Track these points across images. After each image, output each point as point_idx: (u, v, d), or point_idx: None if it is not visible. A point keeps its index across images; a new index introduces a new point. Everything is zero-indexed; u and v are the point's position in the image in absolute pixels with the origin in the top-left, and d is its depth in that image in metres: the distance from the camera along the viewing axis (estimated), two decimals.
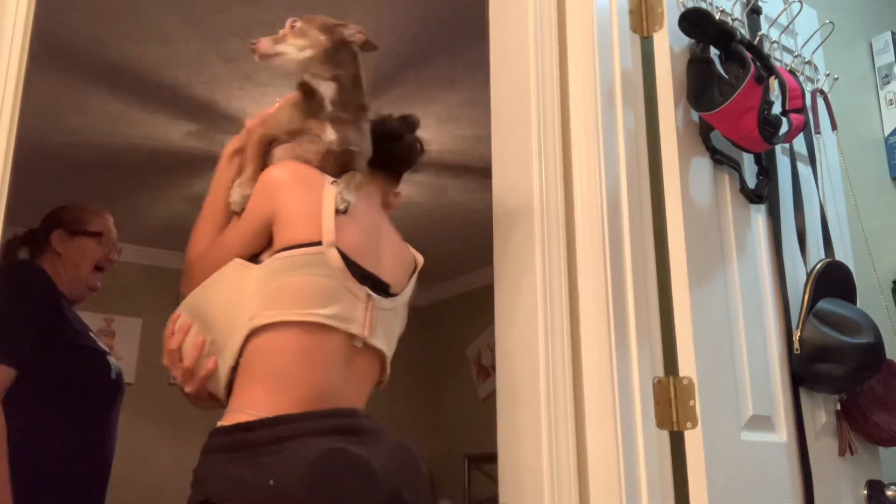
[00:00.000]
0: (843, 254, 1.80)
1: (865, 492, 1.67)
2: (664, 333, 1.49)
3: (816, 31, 1.89)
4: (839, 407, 1.67)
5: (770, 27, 1.79)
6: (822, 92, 1.90)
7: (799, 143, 1.79)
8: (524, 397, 1.44)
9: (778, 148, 1.72)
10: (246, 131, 1.40)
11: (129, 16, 2.80)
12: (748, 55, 1.54)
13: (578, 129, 1.55)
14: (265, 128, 1.38)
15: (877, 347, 1.58)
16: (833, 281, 1.68)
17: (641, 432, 1.39)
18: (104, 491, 1.98)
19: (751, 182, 1.67)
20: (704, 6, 1.61)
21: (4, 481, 1.58)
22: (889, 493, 1.68)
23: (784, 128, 1.56)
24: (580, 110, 1.56)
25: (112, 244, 2.11)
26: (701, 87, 1.57)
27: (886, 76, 2.29)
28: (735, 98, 1.48)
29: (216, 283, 1.29)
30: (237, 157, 1.39)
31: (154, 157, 3.89)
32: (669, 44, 1.59)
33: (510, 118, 1.61)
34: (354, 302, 1.27)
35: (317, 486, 1.12)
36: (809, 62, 1.88)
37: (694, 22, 1.56)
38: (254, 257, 1.29)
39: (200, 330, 1.28)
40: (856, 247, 1.89)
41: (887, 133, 2.25)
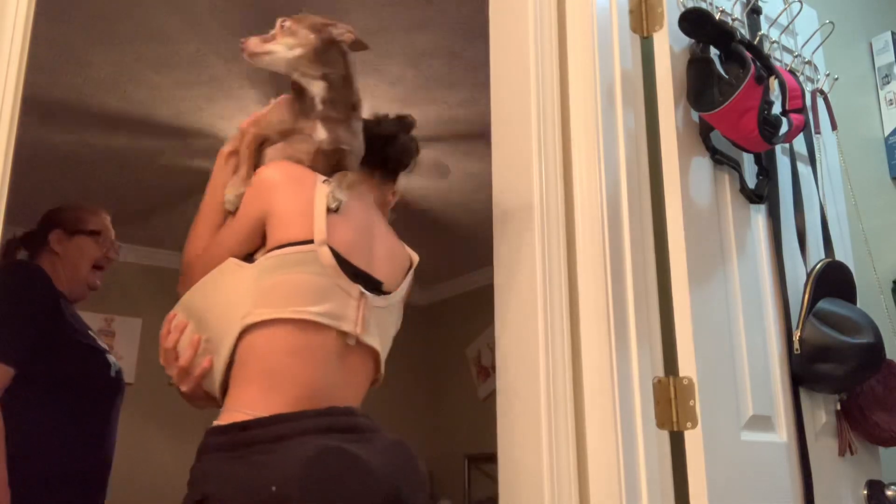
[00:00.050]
0: (843, 254, 1.80)
1: (865, 492, 1.67)
2: (664, 333, 1.49)
3: (816, 31, 1.89)
4: (839, 407, 1.67)
5: (770, 27, 1.79)
6: (822, 92, 1.90)
7: (799, 143, 1.79)
8: (524, 397, 1.44)
9: (778, 148, 1.72)
10: (240, 132, 1.42)
11: (129, 16, 2.80)
12: (748, 55, 1.54)
13: (578, 129, 1.55)
14: (258, 128, 1.39)
15: (877, 347, 1.58)
16: (833, 281, 1.68)
17: (641, 432, 1.39)
18: (104, 490, 1.98)
19: (751, 182, 1.67)
20: (704, 6, 1.61)
21: (3, 480, 1.58)
22: (889, 493, 1.68)
23: (784, 128, 1.56)
24: (580, 110, 1.56)
25: (110, 243, 2.11)
26: (701, 87, 1.57)
27: (886, 76, 2.29)
28: (735, 98, 1.48)
29: (211, 283, 1.30)
30: (233, 159, 1.40)
31: (154, 157, 3.90)
32: (669, 44, 1.59)
33: (510, 118, 1.61)
34: (347, 300, 1.27)
35: (313, 485, 1.12)
36: (809, 62, 1.88)
37: (694, 22, 1.56)
38: (249, 256, 1.30)
39: (196, 329, 1.29)
40: (856, 247, 1.89)
41: (887, 133, 2.25)
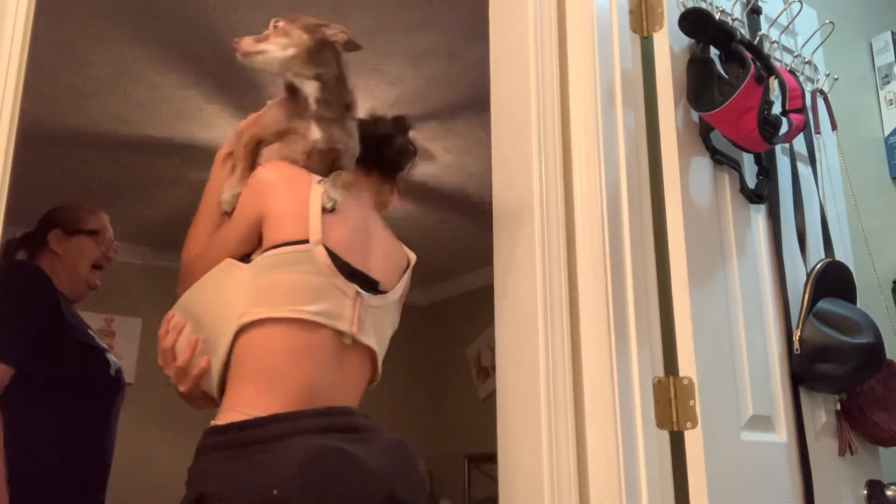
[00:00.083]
0: (843, 254, 1.80)
1: (865, 492, 1.67)
2: (664, 333, 1.49)
3: (816, 31, 1.89)
4: (839, 407, 1.67)
5: (770, 27, 1.79)
6: (822, 92, 1.90)
7: (799, 143, 1.79)
8: (524, 397, 1.44)
9: (778, 148, 1.72)
10: (236, 133, 1.43)
11: (129, 16, 2.80)
12: (748, 55, 1.54)
13: (578, 129, 1.55)
14: (254, 129, 1.40)
15: (877, 347, 1.58)
16: (833, 281, 1.68)
17: (641, 432, 1.39)
18: (104, 490, 1.98)
19: (751, 182, 1.67)
20: (704, 6, 1.61)
21: (1, 480, 1.58)
22: (889, 493, 1.68)
23: (784, 128, 1.56)
24: (580, 110, 1.56)
25: (109, 242, 2.12)
26: (701, 87, 1.57)
27: (886, 76, 2.29)
28: (735, 98, 1.48)
29: (208, 283, 1.30)
30: (230, 160, 1.41)
31: (154, 157, 3.90)
32: (669, 44, 1.59)
33: (510, 118, 1.61)
34: (342, 299, 1.28)
35: (311, 485, 1.13)
36: (809, 62, 1.88)
37: (694, 22, 1.56)
38: (246, 257, 1.31)
39: (193, 329, 1.29)
40: (856, 247, 1.89)
41: (887, 133, 2.25)
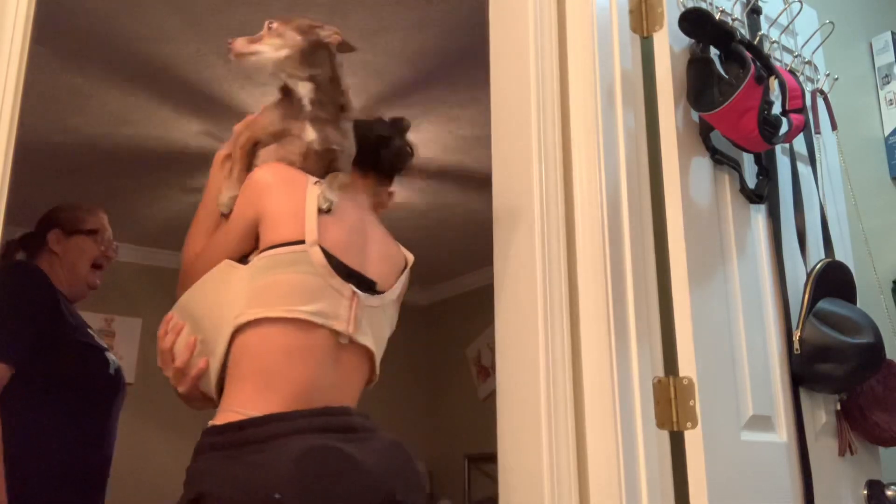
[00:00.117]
0: (843, 254, 1.80)
1: (865, 492, 1.67)
2: (664, 333, 1.49)
3: (816, 31, 1.89)
4: (839, 407, 1.67)
5: (770, 27, 1.79)
6: (822, 92, 1.90)
7: (799, 143, 1.79)
8: (524, 397, 1.44)
9: (778, 148, 1.72)
10: (234, 135, 1.44)
11: (129, 16, 2.80)
12: (748, 55, 1.54)
13: (578, 129, 1.55)
14: (250, 131, 1.41)
15: (877, 347, 1.58)
16: (833, 281, 1.68)
17: (641, 432, 1.39)
18: (103, 489, 1.98)
19: (751, 182, 1.67)
20: (704, 6, 1.61)
21: (0, 480, 1.58)
22: (889, 493, 1.68)
23: (784, 128, 1.56)
24: (580, 110, 1.56)
25: (108, 242, 2.12)
26: (701, 87, 1.57)
27: (886, 76, 2.29)
28: (735, 98, 1.48)
29: (206, 284, 1.31)
30: (228, 162, 1.42)
31: (154, 157, 3.90)
32: (669, 44, 1.59)
33: (510, 118, 1.61)
34: (339, 299, 1.28)
35: (306, 484, 1.13)
36: (809, 62, 1.88)
37: (694, 22, 1.56)
38: (244, 258, 1.31)
39: (192, 330, 1.30)
40: (856, 247, 1.89)
41: (887, 133, 2.25)
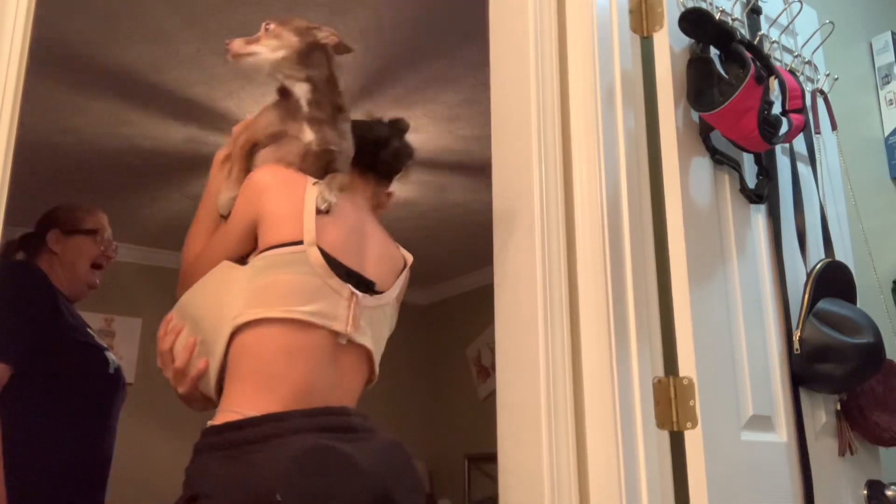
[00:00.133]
0: (843, 254, 1.80)
1: (865, 492, 1.67)
2: (664, 333, 1.49)
3: (816, 31, 1.89)
4: (839, 407, 1.67)
5: (770, 27, 1.79)
6: (822, 92, 1.90)
7: (799, 143, 1.79)
8: (524, 397, 1.44)
9: (778, 148, 1.72)
10: (232, 137, 1.44)
11: (130, 16, 2.80)
12: (748, 55, 1.54)
13: (578, 129, 1.55)
14: (248, 133, 1.42)
15: (877, 347, 1.58)
16: (833, 281, 1.68)
17: (641, 432, 1.39)
18: (104, 489, 1.98)
19: (751, 182, 1.67)
20: (704, 6, 1.61)
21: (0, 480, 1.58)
22: (889, 493, 1.68)
23: (784, 128, 1.56)
24: (580, 110, 1.56)
25: (108, 242, 2.12)
26: (701, 87, 1.57)
27: (886, 76, 2.29)
28: (735, 98, 1.48)
29: (205, 285, 1.32)
30: (227, 164, 1.42)
31: (154, 157, 3.90)
32: (669, 44, 1.59)
33: (510, 118, 1.61)
34: (337, 299, 1.29)
35: (301, 482, 1.13)
36: (809, 62, 1.88)
37: (694, 22, 1.56)
38: (243, 259, 1.32)
39: (191, 331, 1.30)
40: (856, 247, 1.89)
41: (887, 133, 2.25)
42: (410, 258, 1.49)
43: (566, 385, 1.43)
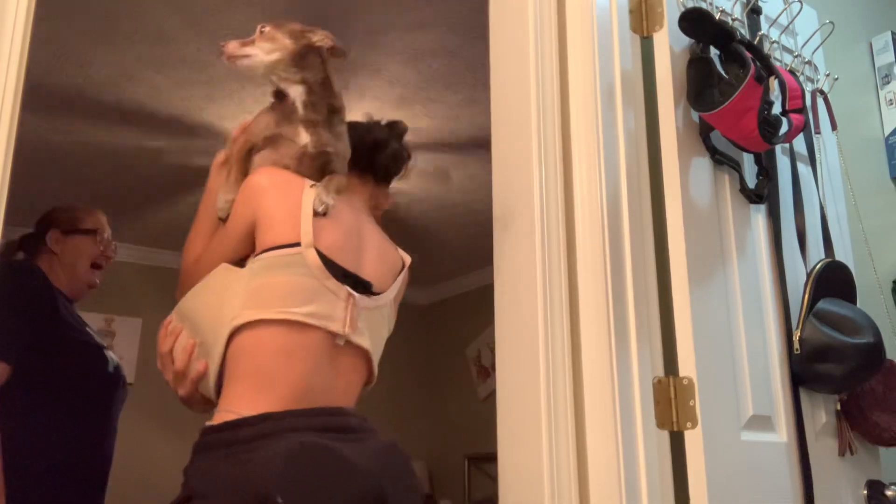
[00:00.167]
0: (843, 254, 1.80)
1: (865, 492, 1.67)
2: (664, 333, 1.49)
3: (816, 31, 1.89)
4: (839, 407, 1.67)
5: (770, 27, 1.79)
6: (822, 92, 1.90)
7: (799, 143, 1.79)
8: (524, 397, 1.44)
9: (778, 148, 1.72)
10: (230, 141, 1.45)
11: (130, 16, 2.80)
12: (748, 55, 1.54)
13: (578, 129, 1.55)
14: (246, 136, 1.43)
15: (877, 347, 1.58)
16: (833, 281, 1.68)
17: (641, 432, 1.39)
18: (104, 487, 1.98)
19: (751, 182, 1.66)
20: (704, 6, 1.61)
21: None
22: (889, 493, 1.68)
23: (784, 128, 1.56)
24: (580, 110, 1.56)
25: (107, 242, 2.12)
26: (701, 87, 1.57)
27: (886, 76, 2.29)
28: (735, 98, 1.48)
29: (204, 288, 1.33)
30: (225, 167, 1.43)
31: (154, 158, 3.90)
32: (669, 44, 1.59)
33: (510, 118, 1.61)
34: (334, 300, 1.29)
35: (293, 478, 1.14)
36: (809, 62, 1.88)
37: (694, 22, 1.56)
38: (242, 262, 1.33)
39: (191, 333, 1.31)
40: (856, 247, 1.89)
41: (887, 133, 2.25)
42: (409, 259, 1.50)
43: (566, 385, 1.43)
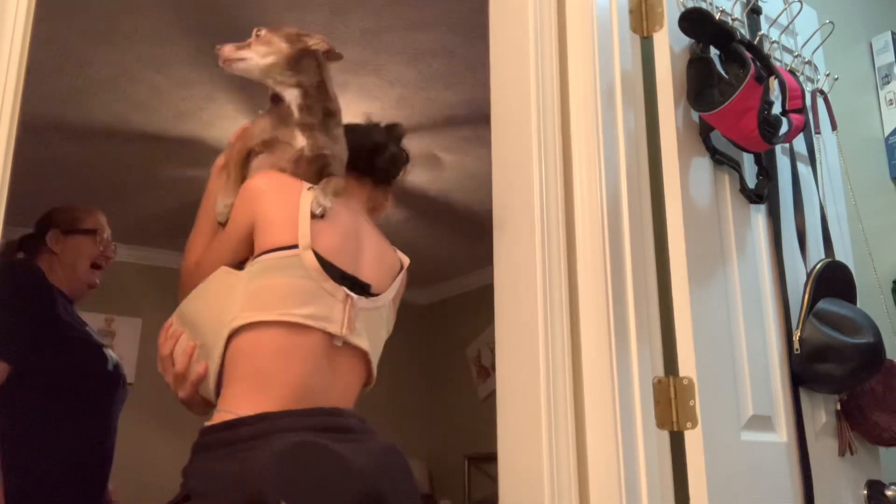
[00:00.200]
0: (843, 254, 1.80)
1: (865, 492, 1.67)
2: (664, 333, 1.49)
3: (816, 31, 1.89)
4: (839, 407, 1.67)
5: (770, 27, 1.79)
6: (822, 92, 1.90)
7: (799, 143, 1.79)
8: (524, 397, 1.44)
9: (778, 148, 1.72)
10: (229, 146, 1.46)
11: (130, 16, 2.80)
12: (748, 55, 1.54)
13: (578, 129, 1.55)
14: (243, 140, 1.44)
15: (877, 347, 1.58)
16: (833, 281, 1.68)
17: (641, 432, 1.39)
18: (105, 485, 1.99)
19: (751, 182, 1.66)
20: (704, 6, 1.61)
21: None
22: (889, 493, 1.68)
23: (784, 128, 1.56)
24: (580, 110, 1.56)
25: (107, 242, 2.13)
26: (701, 87, 1.57)
27: (886, 76, 2.29)
28: (735, 98, 1.48)
29: (204, 291, 1.34)
30: (224, 171, 1.44)
31: (154, 158, 3.90)
32: (669, 44, 1.59)
33: (510, 118, 1.61)
34: (332, 302, 1.30)
35: (286, 476, 1.14)
36: (809, 62, 1.88)
37: (694, 22, 1.56)
38: (241, 264, 1.33)
39: (191, 336, 1.32)
40: (856, 247, 1.89)
41: (887, 133, 2.25)
42: (407, 261, 1.50)
43: (566, 385, 1.43)
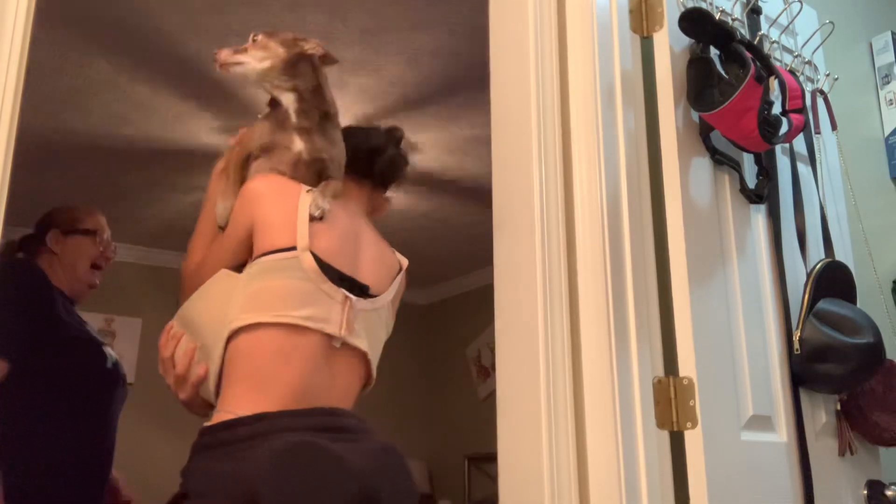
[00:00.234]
0: (843, 254, 1.80)
1: (865, 492, 1.67)
2: (664, 333, 1.49)
3: (816, 31, 1.89)
4: (839, 407, 1.67)
5: (770, 27, 1.79)
6: (822, 92, 1.90)
7: (799, 143, 1.79)
8: (524, 397, 1.44)
9: (778, 148, 1.72)
10: (229, 150, 1.48)
11: (130, 16, 2.80)
12: (748, 55, 1.54)
13: (578, 129, 1.55)
14: (242, 144, 1.45)
15: (877, 347, 1.58)
16: (833, 281, 1.68)
17: (641, 432, 1.39)
18: (105, 483, 1.99)
19: (751, 182, 1.66)
20: (704, 6, 1.61)
21: None
22: (889, 493, 1.68)
23: (784, 128, 1.56)
24: (580, 110, 1.56)
25: (107, 242, 2.13)
26: (701, 87, 1.57)
27: (886, 76, 2.29)
28: (735, 98, 1.48)
29: (204, 293, 1.35)
30: (224, 175, 1.46)
31: (154, 158, 3.90)
32: (669, 44, 1.59)
33: (510, 118, 1.61)
34: (330, 303, 1.31)
35: (280, 475, 1.15)
36: (809, 62, 1.88)
37: (694, 22, 1.56)
38: (241, 267, 1.34)
39: (191, 338, 1.33)
40: (856, 247, 1.89)
41: (887, 133, 2.25)
42: (405, 262, 1.51)
43: (566, 385, 1.43)
